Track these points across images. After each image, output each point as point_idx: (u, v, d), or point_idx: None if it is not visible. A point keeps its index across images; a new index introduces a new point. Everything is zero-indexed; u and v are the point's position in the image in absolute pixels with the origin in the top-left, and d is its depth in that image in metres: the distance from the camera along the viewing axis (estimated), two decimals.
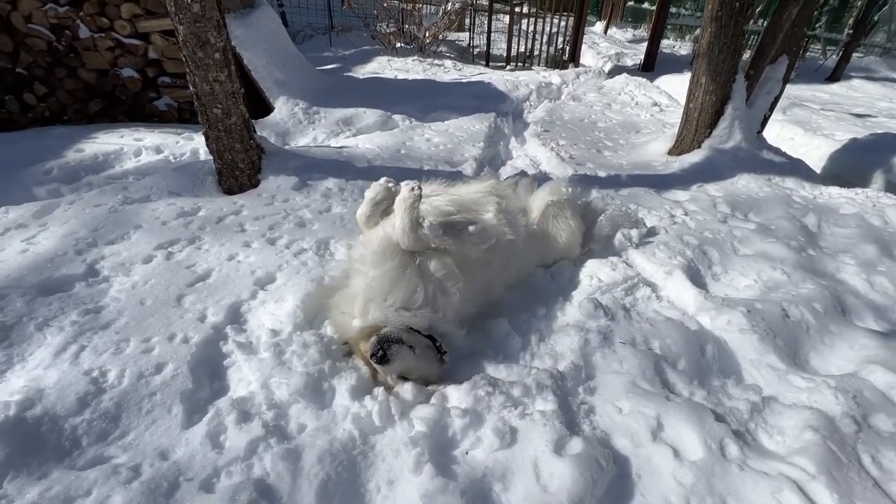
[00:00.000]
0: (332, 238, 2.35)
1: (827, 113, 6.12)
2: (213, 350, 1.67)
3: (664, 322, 2.03)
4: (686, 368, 1.85)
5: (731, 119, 3.62)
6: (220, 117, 2.53)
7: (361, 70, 6.60)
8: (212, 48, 2.33)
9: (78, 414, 1.40)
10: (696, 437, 1.50)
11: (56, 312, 1.74)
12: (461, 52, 8.56)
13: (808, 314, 2.16)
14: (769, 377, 1.90)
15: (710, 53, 3.38)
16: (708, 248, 2.65)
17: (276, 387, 1.55)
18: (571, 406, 1.63)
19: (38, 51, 3.82)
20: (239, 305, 1.86)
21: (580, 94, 6.09)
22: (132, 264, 2.02)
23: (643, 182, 3.44)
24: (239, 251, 2.17)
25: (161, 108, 4.22)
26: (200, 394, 1.54)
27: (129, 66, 4.00)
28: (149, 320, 1.73)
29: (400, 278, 1.68)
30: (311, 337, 1.72)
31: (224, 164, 2.71)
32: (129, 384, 1.49)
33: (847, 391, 1.73)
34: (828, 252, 2.75)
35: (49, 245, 2.07)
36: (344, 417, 1.47)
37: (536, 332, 2.04)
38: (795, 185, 3.53)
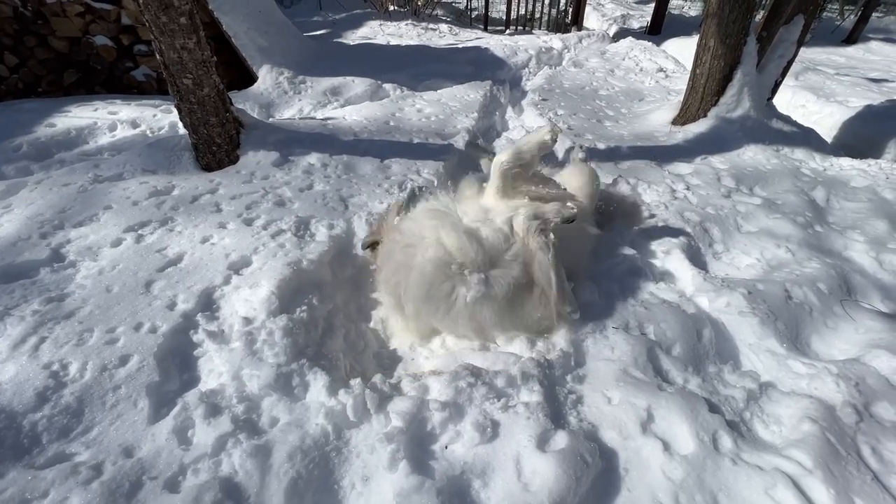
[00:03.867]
0: (312, 218, 2.23)
1: (842, 78, 5.83)
2: (182, 340, 1.59)
3: (660, 305, 1.94)
4: (681, 354, 1.77)
5: (741, 85, 3.40)
6: (192, 88, 2.37)
7: (352, 35, 6.28)
8: (176, 11, 2.14)
9: (37, 410, 1.33)
10: (687, 430, 1.43)
11: (18, 301, 1.65)
12: (458, 15, 8.15)
13: (812, 295, 2.06)
14: (768, 362, 1.81)
15: (721, 13, 3.14)
16: (710, 225, 2.53)
17: (248, 379, 1.47)
18: (558, 396, 1.55)
19: (4, 17, 3.60)
20: (211, 291, 1.77)
21: (582, 60, 5.79)
22: (100, 248, 1.92)
23: (644, 154, 3.27)
24: (213, 233, 2.06)
25: (139, 78, 4.02)
26: (168, 386, 1.47)
27: (102, 34, 3.78)
28: (115, 309, 1.65)
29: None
30: (287, 324, 1.64)
31: (200, 138, 2.56)
32: (91, 377, 1.42)
33: (849, 378, 1.65)
34: (836, 228, 2.62)
35: (12, 228, 1.97)
36: (318, 411, 1.40)
37: None
38: (805, 157, 3.36)
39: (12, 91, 3.87)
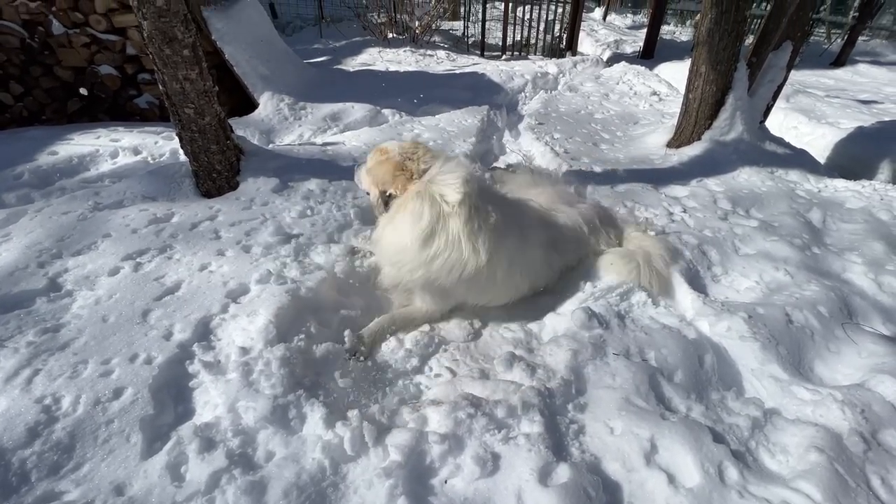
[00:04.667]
0: (311, 244, 2.24)
1: (832, 100, 5.94)
2: (177, 371, 1.57)
3: (660, 330, 1.92)
4: (683, 381, 1.75)
5: (733, 109, 3.47)
6: (193, 117, 2.41)
7: (352, 62, 6.43)
8: (180, 44, 2.19)
9: (27, 446, 1.30)
10: (692, 461, 1.40)
11: (13, 332, 1.64)
12: (455, 41, 8.35)
13: (813, 319, 2.05)
14: (771, 388, 1.79)
15: (711, 41, 3.22)
16: (707, 248, 2.53)
17: (244, 411, 1.45)
18: (560, 426, 1.52)
19: (11, 48, 3.68)
20: (209, 320, 1.76)
21: (577, 85, 5.92)
22: (97, 277, 1.91)
23: (640, 177, 3.30)
24: (212, 260, 2.06)
25: (142, 105, 4.09)
26: (163, 419, 1.44)
27: (107, 63, 3.86)
28: (110, 339, 1.63)
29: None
30: (284, 353, 1.62)
31: (200, 166, 2.59)
32: (84, 411, 1.39)
33: (855, 405, 1.63)
34: (833, 250, 2.62)
35: (10, 258, 1.96)
36: (314, 445, 1.37)
37: (524, 344, 1.95)
38: (799, 178, 3.39)
39: (16, 119, 3.93)
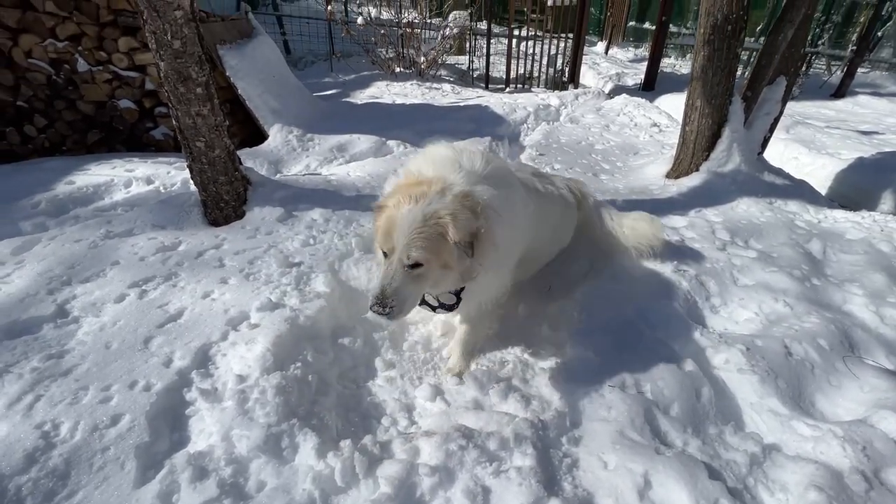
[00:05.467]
0: (312, 272, 2.29)
1: (832, 131, 6.01)
2: (175, 398, 1.59)
3: (656, 362, 1.91)
4: (679, 415, 1.73)
5: (729, 142, 3.53)
6: (204, 150, 2.52)
7: (360, 95, 6.67)
8: (194, 83, 2.32)
9: (24, 472, 1.33)
10: (687, 498, 1.38)
11: (18, 357, 1.68)
12: (461, 75, 8.64)
13: (813, 352, 2.03)
14: (771, 423, 1.77)
15: (704, 77, 3.32)
16: (706, 279, 2.54)
17: (237, 440, 1.46)
18: (552, 460, 1.51)
19: (37, 84, 3.90)
20: (208, 348, 1.79)
21: (578, 116, 6.06)
22: (103, 304, 1.97)
23: (639, 207, 3.32)
24: (215, 288, 2.11)
25: (157, 137, 4.27)
26: (158, 447, 1.46)
27: (127, 98, 4.06)
28: (112, 366, 1.67)
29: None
30: (280, 382, 1.64)
31: (209, 196, 2.68)
32: (81, 438, 1.42)
33: (856, 442, 1.60)
34: (833, 281, 2.61)
35: (22, 284, 2.04)
36: (306, 476, 1.38)
37: (520, 374, 1.95)
38: (799, 209, 3.41)
39: (38, 150, 4.11)
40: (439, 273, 1.43)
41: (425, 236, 1.35)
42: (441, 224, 1.37)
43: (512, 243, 1.67)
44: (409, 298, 1.40)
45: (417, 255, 1.35)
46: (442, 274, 1.44)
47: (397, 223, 1.37)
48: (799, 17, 3.34)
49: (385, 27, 7.44)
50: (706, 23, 3.18)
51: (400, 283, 1.37)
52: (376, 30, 7.35)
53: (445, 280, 1.48)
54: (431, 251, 1.36)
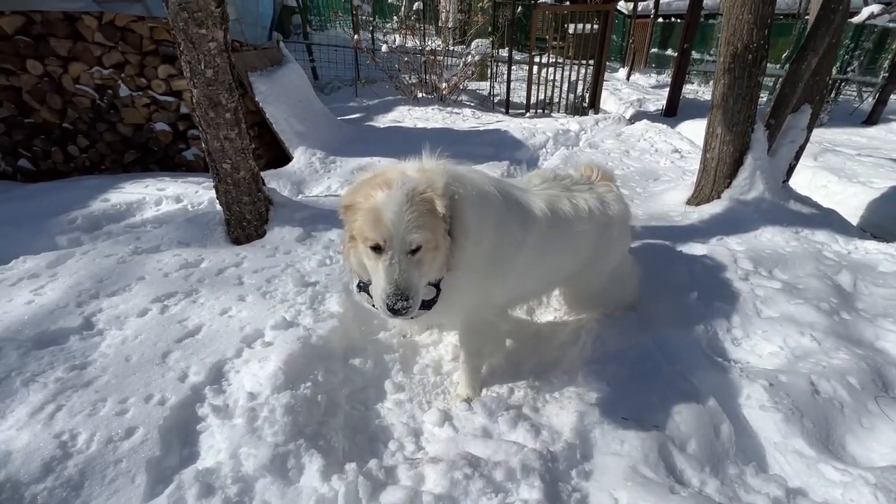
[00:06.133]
0: (327, 292, 2.32)
1: (863, 158, 5.83)
2: (187, 413, 1.62)
3: (673, 395, 1.85)
4: (697, 452, 1.66)
5: (752, 169, 3.47)
6: (230, 172, 2.62)
7: (383, 119, 6.86)
8: (223, 109, 2.45)
9: (40, 481, 1.36)
10: None
11: (45, 367, 1.75)
12: (482, 100, 8.81)
13: (842, 390, 1.93)
14: (797, 465, 1.68)
15: (725, 105, 3.30)
16: (727, 309, 2.46)
17: (245, 458, 1.47)
18: (561, 494, 1.47)
19: (82, 108, 4.16)
20: (222, 364, 1.83)
21: (598, 142, 6.07)
22: (127, 318, 2.04)
23: (659, 234, 3.29)
24: (233, 305, 2.16)
25: (189, 157, 4.47)
26: (168, 461, 1.48)
27: (162, 121, 4.29)
28: (130, 379, 1.72)
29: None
30: (289, 401, 1.66)
31: (232, 215, 2.78)
32: (96, 449, 1.46)
33: (890, 490, 1.49)
34: (865, 316, 2.49)
35: (54, 296, 2.13)
36: (309, 498, 1.37)
37: (530, 402, 1.91)
38: (827, 239, 3.29)
39: (79, 168, 4.36)
40: (431, 256, 1.36)
41: (418, 215, 1.28)
42: (426, 199, 1.31)
43: (485, 236, 1.56)
44: (419, 288, 1.33)
45: (419, 238, 1.28)
46: (433, 257, 1.37)
47: (383, 209, 1.28)
48: (822, 45, 3.30)
49: (408, 54, 7.70)
50: (726, 51, 3.19)
51: (409, 273, 1.28)
52: (400, 57, 7.60)
53: (435, 264, 1.41)
54: (429, 229, 1.31)
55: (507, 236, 1.66)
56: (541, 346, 2.30)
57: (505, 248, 1.66)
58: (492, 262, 1.63)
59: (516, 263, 1.73)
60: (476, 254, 1.52)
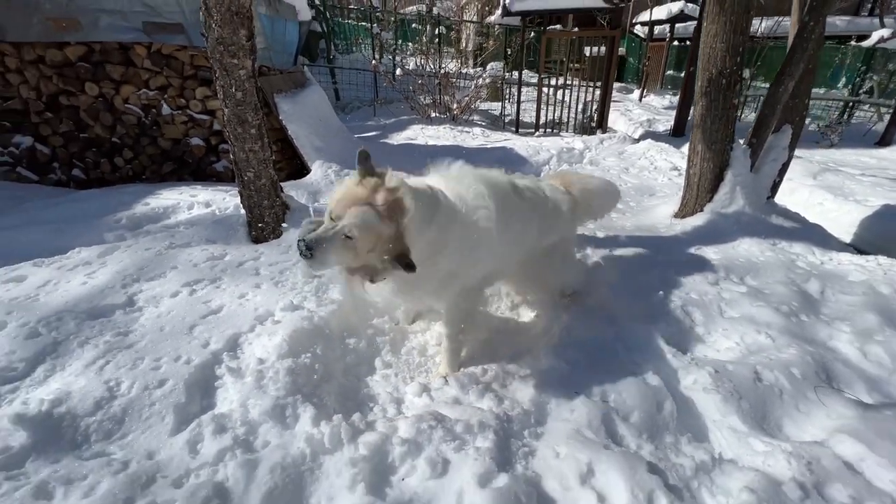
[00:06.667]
0: (330, 284, 2.66)
1: (863, 178, 5.92)
2: (207, 372, 1.97)
3: (624, 377, 2.09)
4: (638, 422, 1.90)
5: (732, 184, 3.69)
6: (252, 179, 3.03)
7: (397, 137, 7.31)
8: (249, 125, 2.87)
9: (92, 415, 1.72)
10: (624, 486, 1.55)
11: (96, 333, 2.14)
12: (493, 119, 9.22)
13: (784, 379, 2.13)
14: (730, 439, 1.89)
15: (704, 125, 3.56)
16: (692, 309, 2.68)
17: (252, 407, 1.80)
18: (511, 447, 1.73)
19: (130, 124, 4.72)
20: (238, 336, 2.18)
21: (599, 159, 6.35)
22: (162, 298, 2.42)
23: (642, 244, 3.54)
24: (249, 291, 2.53)
25: (219, 169, 4.97)
26: (191, 407, 1.82)
27: (197, 136, 4.81)
28: (163, 344, 2.08)
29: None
30: (290, 365, 1.98)
31: (253, 217, 3.18)
32: (135, 394, 1.81)
33: (802, 457, 1.70)
34: (824, 319, 2.68)
35: (103, 279, 2.54)
36: (301, 438, 1.68)
37: (500, 380, 2.18)
38: (803, 251, 3.46)
39: (123, 178, 4.90)
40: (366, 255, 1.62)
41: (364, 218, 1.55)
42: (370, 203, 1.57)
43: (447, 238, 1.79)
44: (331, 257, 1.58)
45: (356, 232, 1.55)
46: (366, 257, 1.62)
47: (346, 196, 1.62)
48: (798, 71, 3.55)
49: (423, 77, 8.20)
50: (703, 77, 3.47)
51: (326, 239, 1.55)
52: (415, 79, 8.11)
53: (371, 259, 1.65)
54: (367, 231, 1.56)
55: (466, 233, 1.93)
56: (517, 337, 2.56)
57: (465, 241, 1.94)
58: (460, 253, 1.93)
59: (480, 251, 2.01)
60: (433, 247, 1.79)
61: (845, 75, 10.39)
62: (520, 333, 2.61)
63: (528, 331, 2.63)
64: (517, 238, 2.22)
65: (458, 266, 1.94)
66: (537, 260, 2.46)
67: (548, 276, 2.53)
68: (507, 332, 2.63)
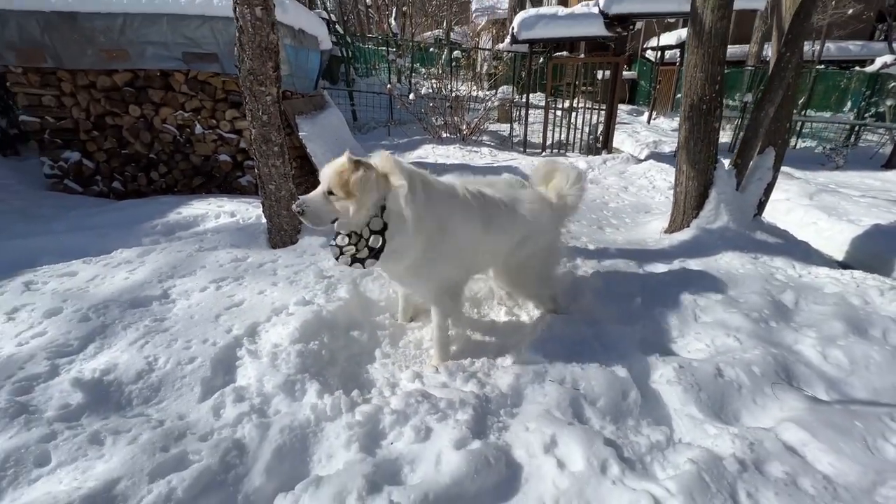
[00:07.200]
0: (339, 283, 2.98)
1: (861, 199, 6.05)
2: (230, 353, 2.29)
3: (595, 369, 2.33)
4: (603, 407, 2.13)
5: (717, 202, 3.93)
6: (274, 191, 3.41)
7: (409, 155, 7.73)
8: (273, 144, 3.26)
9: (134, 383, 2.05)
10: (581, 454, 1.79)
11: (136, 319, 2.49)
12: (502, 140, 9.61)
13: (744, 376, 2.34)
14: (688, 425, 2.11)
15: (688, 146, 3.83)
16: (668, 314, 2.91)
17: (266, 381, 2.10)
18: (487, 422, 1.99)
19: (166, 142, 5.22)
20: (256, 325, 2.50)
21: (601, 178, 6.62)
22: (192, 292, 2.78)
23: (628, 256, 3.77)
24: (267, 288, 2.86)
25: (243, 183, 5.41)
26: (215, 381, 2.13)
27: (225, 153, 5.27)
28: (193, 329, 2.42)
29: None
30: (301, 349, 2.29)
31: (273, 225, 3.55)
32: (170, 368, 2.13)
33: (745, 438, 1.91)
34: (793, 326, 2.87)
35: (142, 275, 2.91)
36: (306, 407, 1.97)
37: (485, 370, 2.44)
38: (784, 265, 3.66)
39: (157, 190, 5.38)
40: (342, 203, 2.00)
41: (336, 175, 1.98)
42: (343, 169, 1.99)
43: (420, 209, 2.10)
44: (320, 211, 2.04)
45: (331, 185, 1.99)
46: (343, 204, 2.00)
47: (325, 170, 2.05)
48: (778, 97, 3.81)
49: (435, 100, 8.67)
50: (685, 103, 3.76)
51: (315, 200, 2.03)
52: (427, 102, 8.58)
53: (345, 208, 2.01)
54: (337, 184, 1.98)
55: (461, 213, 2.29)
56: (505, 336, 2.83)
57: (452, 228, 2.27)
58: (450, 236, 2.24)
59: (463, 242, 2.31)
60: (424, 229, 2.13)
61: (851, 99, 10.51)
62: (507, 333, 2.88)
63: (515, 331, 2.88)
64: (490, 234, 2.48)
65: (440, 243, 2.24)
66: (518, 262, 2.71)
67: (527, 279, 2.78)
68: (496, 331, 2.90)
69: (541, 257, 2.76)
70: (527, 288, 2.83)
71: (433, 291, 2.40)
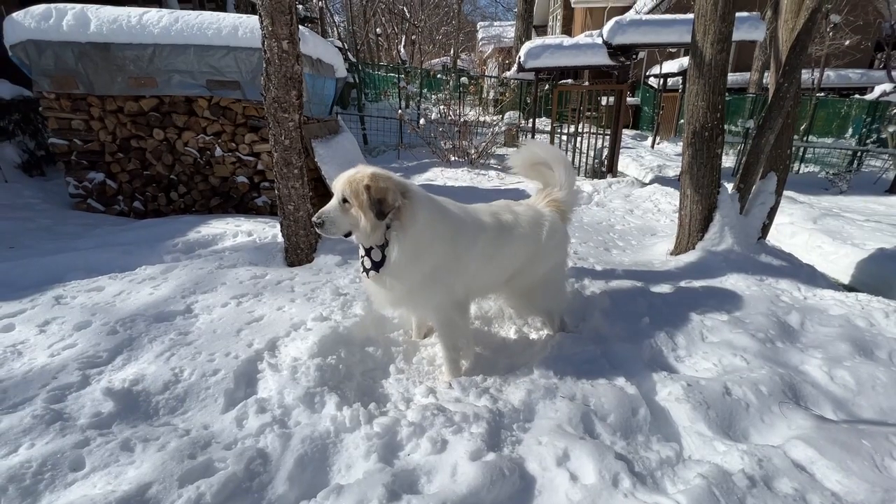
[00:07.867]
0: (354, 300, 3.08)
1: (865, 223, 6.12)
2: (251, 366, 2.37)
3: (605, 386, 2.39)
4: (614, 423, 2.18)
5: (721, 225, 4.02)
6: (292, 211, 3.55)
7: (418, 178, 7.93)
8: (293, 167, 3.42)
9: (161, 394, 2.14)
10: (593, 468, 1.84)
11: (162, 332, 2.59)
12: None
13: (751, 394, 2.39)
14: (697, 442, 2.15)
15: (691, 171, 3.96)
16: (675, 334, 2.97)
17: (287, 394, 2.18)
18: (501, 435, 2.05)
19: (186, 164, 5.43)
20: (276, 339, 2.59)
21: (606, 201, 6.75)
22: (213, 307, 2.88)
23: (635, 277, 3.86)
24: (286, 304, 2.97)
25: (259, 204, 5.58)
26: (238, 393, 2.22)
27: (243, 175, 5.47)
28: (216, 343, 2.51)
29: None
30: (319, 363, 2.37)
31: (290, 244, 3.68)
32: (195, 380, 2.22)
33: (755, 455, 1.96)
34: (799, 346, 2.92)
35: (166, 291, 3.03)
36: (326, 418, 2.04)
37: (497, 387, 2.50)
38: (789, 287, 3.72)
39: (177, 209, 5.57)
40: (355, 211, 2.10)
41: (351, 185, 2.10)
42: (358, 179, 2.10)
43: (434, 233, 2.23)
44: (337, 221, 2.15)
45: (344, 194, 2.11)
46: (356, 212, 2.10)
47: (339, 180, 2.17)
48: (777, 125, 3.95)
49: (443, 125, 8.94)
50: (688, 130, 3.90)
51: (330, 210, 2.16)
52: (436, 127, 8.84)
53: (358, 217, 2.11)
54: (353, 195, 2.08)
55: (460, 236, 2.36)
56: (517, 353, 2.90)
57: (460, 245, 2.35)
58: (450, 258, 2.32)
59: (469, 261, 2.40)
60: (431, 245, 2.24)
61: (852, 125, 10.70)
62: (518, 351, 2.95)
63: (525, 349, 2.95)
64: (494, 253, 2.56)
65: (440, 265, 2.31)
66: (526, 283, 2.80)
67: (534, 299, 2.86)
68: (507, 350, 2.97)
69: (546, 276, 2.86)
70: (535, 306, 2.91)
71: (436, 313, 2.48)
